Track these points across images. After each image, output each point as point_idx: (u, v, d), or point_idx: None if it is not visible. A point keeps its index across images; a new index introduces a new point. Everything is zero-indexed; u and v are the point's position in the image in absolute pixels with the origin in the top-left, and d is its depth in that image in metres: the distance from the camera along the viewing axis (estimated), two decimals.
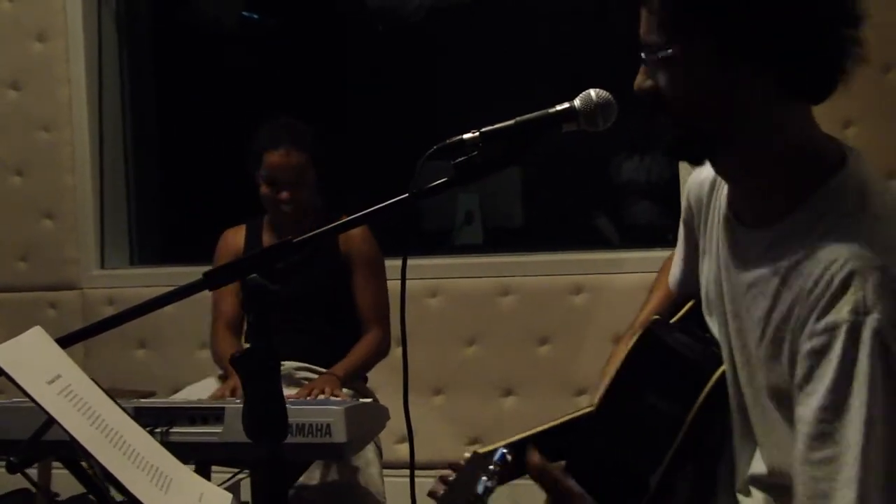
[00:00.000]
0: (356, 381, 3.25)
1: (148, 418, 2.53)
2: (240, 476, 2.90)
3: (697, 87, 1.38)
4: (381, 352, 3.35)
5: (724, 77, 1.36)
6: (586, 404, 1.87)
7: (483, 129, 1.57)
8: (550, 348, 4.23)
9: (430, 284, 4.38)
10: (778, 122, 1.38)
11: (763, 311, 1.40)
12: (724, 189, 1.54)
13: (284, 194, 3.24)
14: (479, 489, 1.24)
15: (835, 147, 1.41)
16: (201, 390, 3.06)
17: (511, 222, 5.20)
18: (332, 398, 2.85)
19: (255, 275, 1.57)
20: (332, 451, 2.47)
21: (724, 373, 1.57)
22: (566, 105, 1.56)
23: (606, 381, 1.90)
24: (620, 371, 1.80)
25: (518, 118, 1.57)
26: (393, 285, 3.70)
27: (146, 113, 5.02)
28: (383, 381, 4.37)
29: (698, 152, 1.47)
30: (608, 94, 1.57)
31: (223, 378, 3.24)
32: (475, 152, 1.55)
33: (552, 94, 1.65)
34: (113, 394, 3.59)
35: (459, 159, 1.56)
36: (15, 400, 2.85)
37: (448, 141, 1.57)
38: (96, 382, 1.58)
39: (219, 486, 2.85)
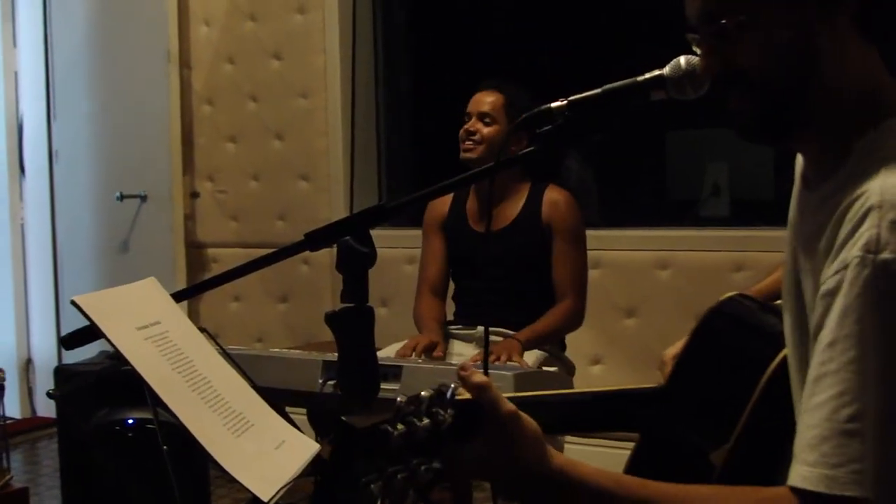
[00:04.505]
0: (544, 345, 3.25)
1: (333, 372, 2.66)
2: None
3: (776, 44, 1.26)
4: (573, 322, 3.31)
5: (800, 23, 1.25)
6: None
7: (570, 98, 1.55)
8: None
9: (661, 256, 4.30)
10: (851, 72, 1.26)
11: (813, 265, 1.28)
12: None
13: (471, 124, 3.35)
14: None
15: None
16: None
17: (761, 195, 4.97)
18: (510, 364, 2.87)
19: (348, 237, 1.64)
20: None
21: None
22: (655, 73, 1.52)
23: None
24: (688, 347, 1.74)
25: (605, 86, 1.54)
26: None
27: (398, 80, 5.20)
28: (604, 352, 4.37)
29: (781, 123, 1.32)
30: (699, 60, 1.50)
31: None
32: (561, 121, 1.54)
33: None
34: (311, 346, 3.77)
35: (544, 128, 1.56)
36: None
37: (536, 110, 1.56)
38: (209, 334, 1.70)
39: None
